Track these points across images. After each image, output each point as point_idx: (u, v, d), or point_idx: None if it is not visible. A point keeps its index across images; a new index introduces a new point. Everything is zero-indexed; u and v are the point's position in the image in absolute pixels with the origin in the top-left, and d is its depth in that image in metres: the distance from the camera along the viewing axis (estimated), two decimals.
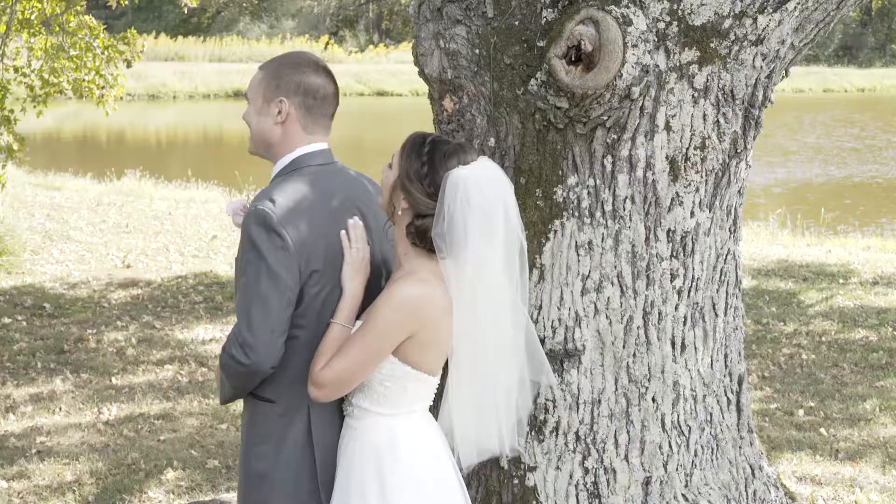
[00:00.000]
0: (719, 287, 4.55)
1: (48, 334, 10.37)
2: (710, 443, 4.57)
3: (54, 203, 17.48)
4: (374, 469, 3.62)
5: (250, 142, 3.84)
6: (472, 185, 3.51)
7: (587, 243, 4.32)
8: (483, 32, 4.33)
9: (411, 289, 3.56)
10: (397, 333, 3.54)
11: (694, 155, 4.27)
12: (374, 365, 3.57)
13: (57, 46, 12.17)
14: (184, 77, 42.04)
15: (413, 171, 3.54)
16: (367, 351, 3.54)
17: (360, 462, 3.63)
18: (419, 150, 3.55)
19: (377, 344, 3.54)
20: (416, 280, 3.57)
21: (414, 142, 3.58)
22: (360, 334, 3.55)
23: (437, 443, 3.74)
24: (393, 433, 3.65)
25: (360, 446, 3.65)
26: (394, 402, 3.65)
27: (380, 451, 3.63)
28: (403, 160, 3.56)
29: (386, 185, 3.62)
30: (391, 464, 3.62)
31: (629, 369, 4.39)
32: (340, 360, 3.54)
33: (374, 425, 3.65)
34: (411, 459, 3.65)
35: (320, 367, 3.56)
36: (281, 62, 3.78)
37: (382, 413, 3.65)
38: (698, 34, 4.18)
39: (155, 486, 6.81)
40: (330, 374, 3.55)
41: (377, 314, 3.54)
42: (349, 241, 3.64)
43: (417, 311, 3.54)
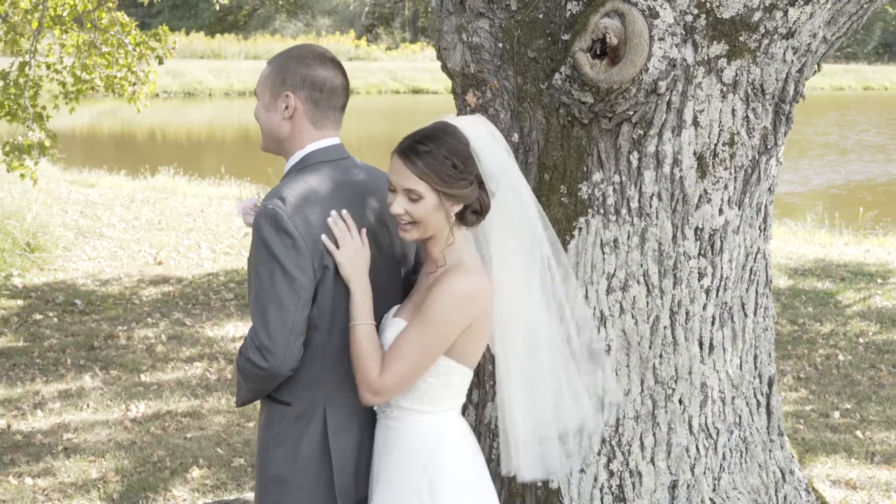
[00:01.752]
0: (749, 286, 4.45)
1: (79, 331, 10.38)
2: (739, 446, 4.47)
3: (88, 200, 17.53)
4: (424, 470, 3.53)
5: (262, 139, 3.77)
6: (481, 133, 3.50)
7: (613, 241, 4.22)
8: (506, 26, 4.24)
9: (466, 280, 3.46)
10: (457, 328, 3.46)
11: (722, 151, 4.17)
12: (433, 363, 3.49)
13: (89, 43, 12.18)
14: (220, 74, 42.14)
15: (449, 175, 3.41)
16: (427, 350, 3.45)
17: (409, 464, 3.55)
18: (433, 157, 3.40)
19: (438, 341, 3.45)
20: (466, 271, 3.48)
21: (419, 157, 3.41)
22: (417, 333, 3.44)
23: (473, 439, 3.69)
24: (439, 432, 3.58)
25: (407, 448, 3.56)
26: (437, 400, 3.56)
27: (428, 451, 3.55)
28: (431, 178, 3.40)
29: (424, 215, 3.44)
30: (440, 464, 3.54)
31: (655, 370, 4.29)
32: (400, 363, 3.45)
33: (418, 425, 3.57)
34: (458, 457, 3.59)
35: (376, 373, 3.45)
36: (287, 56, 3.69)
37: (425, 411, 3.57)
38: (727, 27, 4.07)
39: (180, 485, 6.76)
40: (391, 378, 3.45)
41: (435, 310, 3.43)
42: (333, 241, 3.49)
43: (475, 302, 3.46)
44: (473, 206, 3.49)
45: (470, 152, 3.44)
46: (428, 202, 3.44)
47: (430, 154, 3.41)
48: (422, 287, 3.58)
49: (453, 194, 3.44)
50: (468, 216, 3.51)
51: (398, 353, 3.45)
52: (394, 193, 3.48)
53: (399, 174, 3.44)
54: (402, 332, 3.47)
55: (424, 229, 3.49)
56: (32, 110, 11.73)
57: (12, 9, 11.80)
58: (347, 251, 3.48)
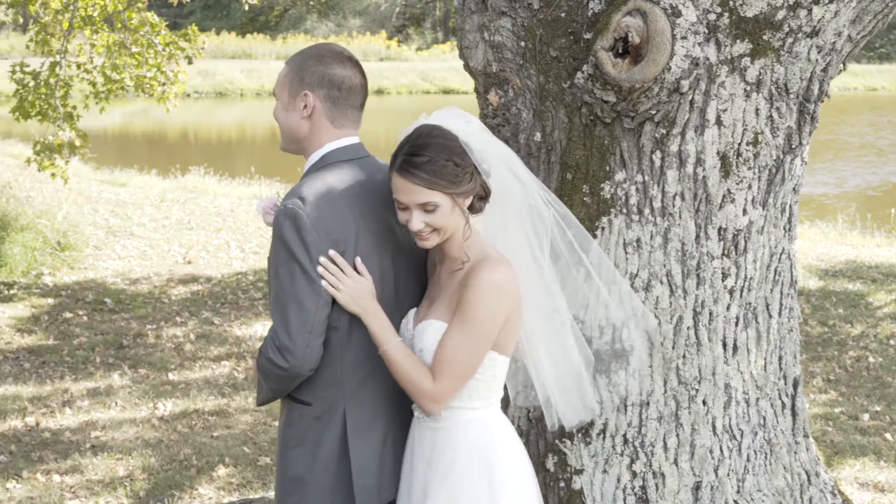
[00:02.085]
0: (773, 287, 4.42)
1: (108, 329, 10.44)
2: (764, 447, 4.43)
3: (119, 199, 17.61)
4: (482, 468, 3.54)
5: (281, 138, 3.76)
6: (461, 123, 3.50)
7: (635, 241, 4.20)
8: (528, 24, 4.23)
9: (498, 271, 3.46)
10: (500, 319, 3.46)
11: (746, 150, 4.14)
12: (483, 359, 3.50)
13: (119, 43, 12.25)
14: (251, 75, 42.25)
15: (455, 177, 3.41)
16: (477, 347, 3.46)
17: (466, 463, 3.54)
18: (436, 163, 3.39)
19: (485, 337, 3.46)
20: (494, 262, 3.48)
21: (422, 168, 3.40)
22: (463, 333, 3.44)
23: (514, 431, 3.71)
24: (489, 427, 3.58)
25: (462, 447, 3.56)
26: (484, 395, 3.57)
27: (484, 448, 3.56)
28: (441, 185, 3.39)
29: (443, 221, 3.45)
30: (496, 459, 3.55)
31: (679, 371, 4.27)
32: (452, 366, 3.45)
33: (469, 423, 3.57)
34: (511, 451, 3.61)
35: (430, 382, 3.46)
36: (305, 55, 3.67)
37: (474, 408, 3.57)
38: (750, 26, 4.05)
39: (206, 483, 6.79)
40: (447, 383, 3.46)
41: (476, 307, 3.43)
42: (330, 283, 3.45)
43: (511, 290, 3.47)
44: (479, 193, 3.52)
45: (461, 145, 3.44)
46: (444, 208, 3.44)
47: (430, 162, 3.40)
48: (448, 286, 3.56)
49: (463, 191, 3.45)
50: (476, 204, 3.53)
51: (449, 356, 3.45)
52: (406, 211, 3.47)
53: (407, 192, 3.43)
54: (447, 336, 3.47)
55: (444, 233, 3.50)
56: (63, 110, 11.80)
57: (43, 9, 11.88)
58: (346, 290, 3.46)
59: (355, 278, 3.47)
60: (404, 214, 3.49)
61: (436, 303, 3.59)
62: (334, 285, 3.44)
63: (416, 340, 3.55)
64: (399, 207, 3.50)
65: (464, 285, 3.47)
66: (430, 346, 3.51)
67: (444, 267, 3.63)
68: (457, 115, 3.57)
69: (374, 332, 3.50)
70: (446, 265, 3.62)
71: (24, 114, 11.65)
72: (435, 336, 3.51)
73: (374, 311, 3.50)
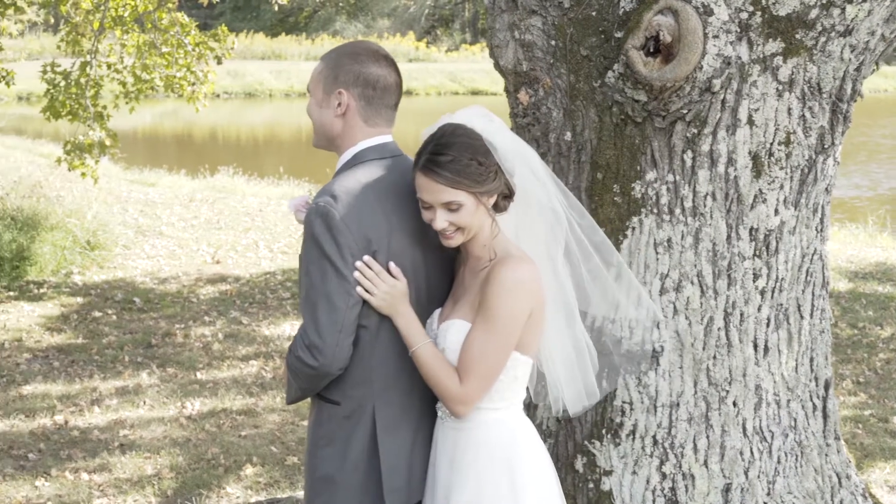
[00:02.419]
0: (805, 288, 4.38)
1: (137, 328, 10.47)
2: (795, 449, 4.40)
3: (148, 199, 17.68)
4: (505, 467, 3.52)
5: (314, 135, 3.75)
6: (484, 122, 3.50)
7: (666, 241, 4.18)
8: (559, 23, 4.21)
9: (520, 268, 3.45)
10: (523, 317, 3.45)
11: (778, 150, 4.11)
12: (508, 358, 3.49)
13: (149, 43, 12.29)
14: (280, 75, 42.35)
15: (480, 175, 3.41)
16: (501, 347, 3.45)
17: (488, 463, 3.53)
18: (459, 162, 3.39)
19: (509, 335, 3.45)
20: (516, 260, 3.47)
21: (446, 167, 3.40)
22: (486, 332, 3.43)
23: (536, 432, 3.68)
24: (511, 428, 3.57)
25: (483, 447, 3.54)
26: (507, 395, 3.55)
27: (506, 448, 3.54)
28: (465, 184, 3.39)
29: (466, 220, 3.44)
30: (519, 459, 3.54)
31: (709, 372, 4.24)
32: (478, 367, 3.45)
33: (491, 423, 3.55)
34: (533, 452, 3.59)
35: (457, 383, 3.46)
36: (340, 53, 3.66)
37: (497, 408, 3.56)
38: (783, 25, 4.02)
39: (233, 482, 6.79)
40: (474, 384, 3.46)
41: (498, 306, 3.42)
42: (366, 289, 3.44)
43: (532, 287, 3.47)
44: (503, 192, 3.51)
45: (485, 144, 3.44)
46: (468, 207, 3.44)
47: (454, 161, 3.40)
48: (472, 285, 3.55)
49: (487, 190, 3.44)
50: (500, 203, 3.52)
51: (474, 357, 3.44)
52: (430, 210, 3.47)
53: (431, 191, 3.43)
54: (471, 336, 3.46)
55: (468, 232, 3.49)
56: (93, 110, 11.85)
57: (74, 9, 11.94)
58: (381, 295, 3.45)
59: (390, 282, 3.46)
60: (428, 213, 3.48)
61: (460, 302, 3.58)
62: (370, 290, 3.43)
63: (439, 340, 3.54)
64: (423, 206, 3.49)
65: (486, 283, 3.46)
66: (452, 346, 3.51)
67: (469, 266, 3.62)
68: (481, 115, 3.57)
69: (406, 334, 3.49)
70: (470, 264, 3.61)
71: (54, 113, 11.71)
72: (458, 335, 3.50)
73: (407, 313, 3.50)
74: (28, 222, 12.40)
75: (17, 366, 9.26)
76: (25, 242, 12.14)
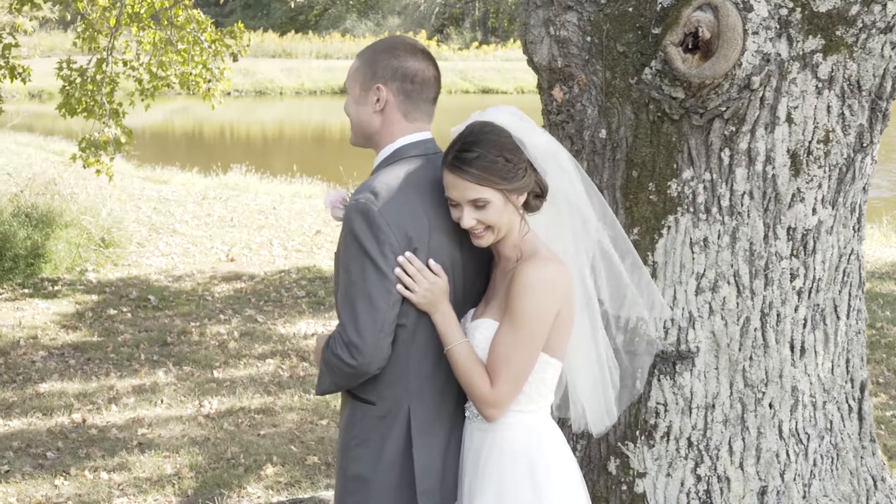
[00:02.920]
0: (842, 288, 4.32)
1: (152, 326, 10.43)
2: (830, 452, 4.34)
3: (161, 196, 17.66)
4: (528, 472, 3.47)
5: (351, 132, 3.69)
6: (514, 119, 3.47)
7: (702, 240, 4.12)
8: (595, 19, 4.15)
9: (545, 267, 3.40)
10: (549, 317, 3.40)
11: (817, 149, 4.05)
12: (537, 359, 3.44)
13: (165, 40, 12.24)
14: (290, 73, 42.31)
15: (507, 172, 3.36)
16: (529, 347, 3.40)
17: (512, 466, 3.48)
18: (486, 160, 3.35)
19: (536, 335, 3.39)
20: (543, 259, 3.42)
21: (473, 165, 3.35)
22: (514, 333, 3.38)
23: (563, 437, 3.63)
24: (538, 431, 3.52)
25: (508, 450, 3.49)
26: (534, 398, 3.50)
27: (530, 452, 3.49)
28: (493, 181, 3.35)
29: (495, 218, 3.40)
30: (544, 464, 3.48)
31: (745, 373, 4.18)
32: (507, 369, 3.40)
33: (517, 426, 3.50)
34: (559, 456, 3.54)
35: (488, 386, 3.41)
36: (376, 48, 3.60)
37: (523, 411, 3.50)
38: (823, 21, 3.95)
39: (254, 482, 6.75)
40: (504, 386, 3.41)
41: (524, 306, 3.37)
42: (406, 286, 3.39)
43: (559, 286, 3.41)
44: (534, 191, 3.47)
45: (513, 141, 3.40)
46: (496, 204, 3.39)
47: (480, 158, 3.35)
48: (501, 285, 3.51)
49: (515, 187, 3.40)
50: (532, 202, 3.49)
51: (502, 358, 3.39)
52: (457, 208, 3.43)
53: (458, 188, 3.39)
54: (498, 337, 3.41)
55: (499, 231, 3.45)
56: (109, 107, 11.81)
57: (91, 6, 11.89)
58: (421, 292, 3.39)
59: (431, 279, 3.41)
60: (456, 211, 3.44)
61: (490, 303, 3.54)
62: (411, 287, 3.38)
63: (468, 339, 3.50)
64: (451, 204, 3.45)
65: (511, 283, 3.42)
66: (480, 345, 3.46)
67: (500, 267, 3.57)
68: (510, 112, 3.53)
69: (443, 331, 3.44)
70: (501, 265, 3.56)
71: (70, 110, 11.66)
72: (485, 334, 3.46)
73: (446, 311, 3.45)
74: (43, 219, 12.36)
75: (33, 363, 9.23)
76: (40, 239, 12.11)
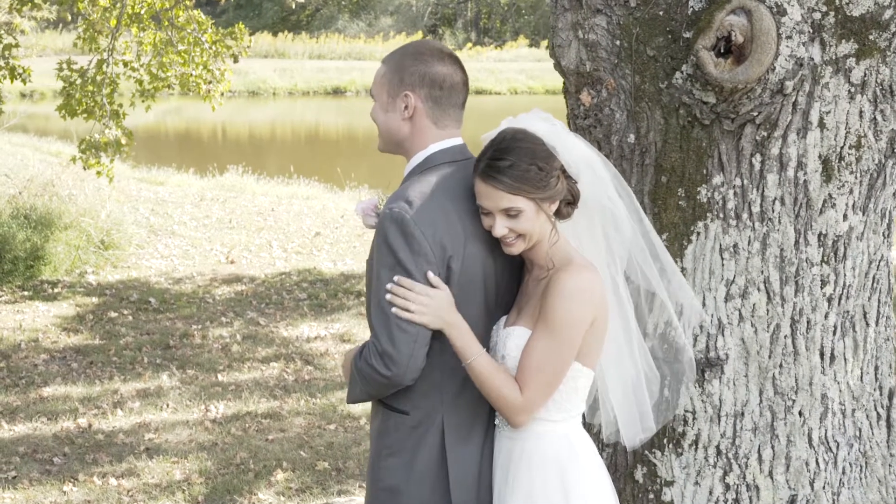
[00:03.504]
0: (871, 295, 4.28)
1: (154, 329, 10.37)
2: (859, 460, 4.30)
3: (158, 198, 17.58)
4: (558, 481, 3.42)
5: (379, 139, 3.63)
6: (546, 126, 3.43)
7: (732, 246, 4.07)
8: (625, 23, 4.10)
9: (580, 275, 3.36)
10: (583, 325, 3.35)
11: (849, 154, 4.00)
12: (569, 367, 3.39)
13: (165, 41, 12.17)
14: (284, 74, 42.19)
15: (540, 181, 3.32)
16: (560, 355, 3.35)
17: (543, 476, 3.43)
18: (518, 168, 3.30)
19: (569, 344, 3.34)
20: (578, 266, 3.38)
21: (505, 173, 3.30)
22: (547, 341, 3.33)
23: (595, 447, 3.58)
24: (570, 441, 3.47)
25: (538, 459, 3.44)
26: (565, 407, 3.46)
27: (561, 462, 3.43)
28: (524, 189, 3.30)
29: (528, 227, 3.36)
30: (575, 474, 3.43)
31: (775, 381, 4.13)
32: (539, 375, 3.35)
33: (548, 435, 3.45)
34: (590, 465, 3.49)
35: (517, 393, 3.35)
36: (403, 54, 3.54)
37: (554, 420, 3.45)
38: (856, 25, 3.91)
39: (265, 487, 6.69)
40: (535, 393, 3.36)
41: (558, 314, 3.32)
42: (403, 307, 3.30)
43: (594, 295, 3.37)
44: (566, 198, 3.43)
45: (547, 149, 3.36)
46: (528, 213, 3.35)
47: (513, 167, 3.31)
48: (534, 294, 3.46)
49: (548, 196, 3.36)
50: (563, 209, 3.45)
51: (533, 365, 3.35)
52: (489, 216, 3.39)
53: (490, 197, 3.34)
54: (531, 344, 3.36)
55: (530, 239, 3.41)
56: (109, 108, 11.74)
57: (91, 6, 11.82)
58: (423, 309, 3.30)
59: (431, 293, 3.32)
60: (487, 220, 3.39)
61: (523, 311, 3.49)
62: (406, 307, 3.29)
63: (499, 346, 3.47)
64: (483, 213, 3.41)
65: (546, 291, 3.37)
66: (512, 353, 3.42)
67: (532, 274, 3.53)
68: (542, 118, 3.48)
69: (458, 346, 3.37)
70: (534, 273, 3.52)
71: (70, 112, 11.60)
72: (517, 342, 3.41)
73: (457, 323, 3.36)
74: (42, 221, 12.29)
75: (35, 367, 9.17)
76: (40, 241, 12.03)
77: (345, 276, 12.77)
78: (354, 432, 7.70)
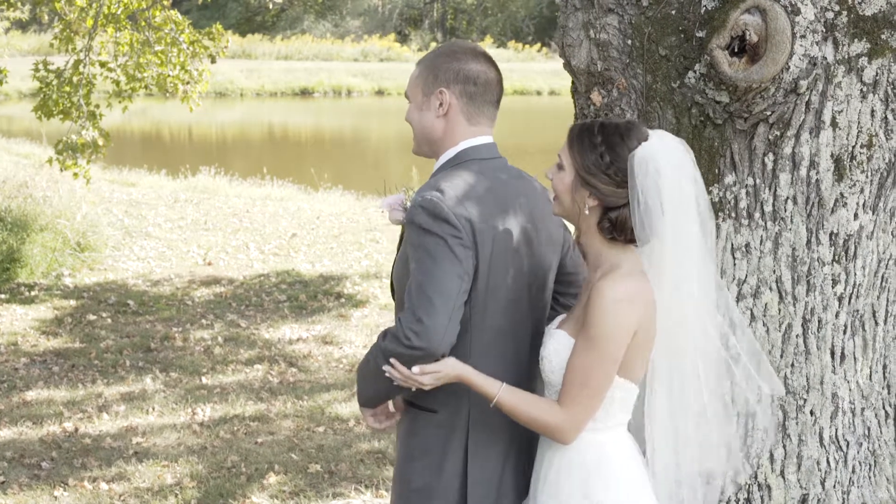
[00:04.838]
0: (880, 294, 4.29)
1: (134, 332, 10.28)
2: (868, 459, 4.31)
3: (131, 199, 17.46)
4: (580, 490, 3.35)
5: (414, 141, 3.62)
6: (661, 159, 3.24)
7: (744, 246, 4.07)
8: (636, 22, 4.09)
9: (623, 284, 3.26)
10: (624, 337, 3.25)
11: (860, 153, 4.01)
12: (614, 377, 3.31)
13: (142, 42, 12.09)
14: (251, 75, 42.04)
15: (592, 163, 3.26)
16: (601, 367, 3.26)
17: (567, 481, 3.37)
18: (592, 140, 3.27)
19: (609, 355, 3.25)
20: (622, 275, 3.28)
21: (581, 133, 3.30)
22: (587, 351, 3.25)
23: (641, 459, 3.47)
24: (602, 451, 3.38)
25: (565, 465, 3.38)
26: (599, 416, 3.36)
27: (586, 470, 3.36)
28: (577, 156, 3.28)
29: (562, 189, 3.33)
30: (599, 484, 3.35)
31: (787, 380, 4.14)
32: (581, 388, 3.27)
33: (579, 441, 3.37)
34: (622, 478, 3.38)
35: (556, 410, 3.29)
36: (437, 54, 3.58)
37: (588, 428, 3.37)
38: (869, 25, 3.92)
39: (258, 491, 6.64)
40: (578, 409, 3.29)
41: (598, 323, 3.23)
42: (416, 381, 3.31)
43: (635, 306, 3.26)
44: (610, 215, 3.29)
45: (625, 159, 3.25)
46: (566, 176, 3.33)
47: (590, 139, 3.28)
48: (583, 296, 3.41)
49: (590, 182, 3.28)
50: (604, 223, 3.30)
51: (576, 377, 3.28)
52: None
53: (564, 145, 3.36)
54: (573, 360, 3.29)
55: (560, 205, 3.37)
56: (86, 109, 11.64)
57: (68, 6, 11.72)
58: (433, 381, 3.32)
59: (437, 366, 3.31)
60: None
61: (571, 314, 3.45)
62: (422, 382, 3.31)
63: (542, 346, 3.43)
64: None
65: (588, 302, 3.29)
66: (550, 356, 3.37)
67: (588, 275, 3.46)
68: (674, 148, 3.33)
69: (481, 389, 3.34)
70: (588, 276, 3.44)
71: (46, 113, 11.50)
72: (556, 346, 3.37)
73: (467, 372, 3.35)
74: (17, 223, 12.16)
75: (16, 371, 9.07)
76: (15, 244, 11.91)
77: (324, 277, 12.72)
78: (344, 434, 7.66)
